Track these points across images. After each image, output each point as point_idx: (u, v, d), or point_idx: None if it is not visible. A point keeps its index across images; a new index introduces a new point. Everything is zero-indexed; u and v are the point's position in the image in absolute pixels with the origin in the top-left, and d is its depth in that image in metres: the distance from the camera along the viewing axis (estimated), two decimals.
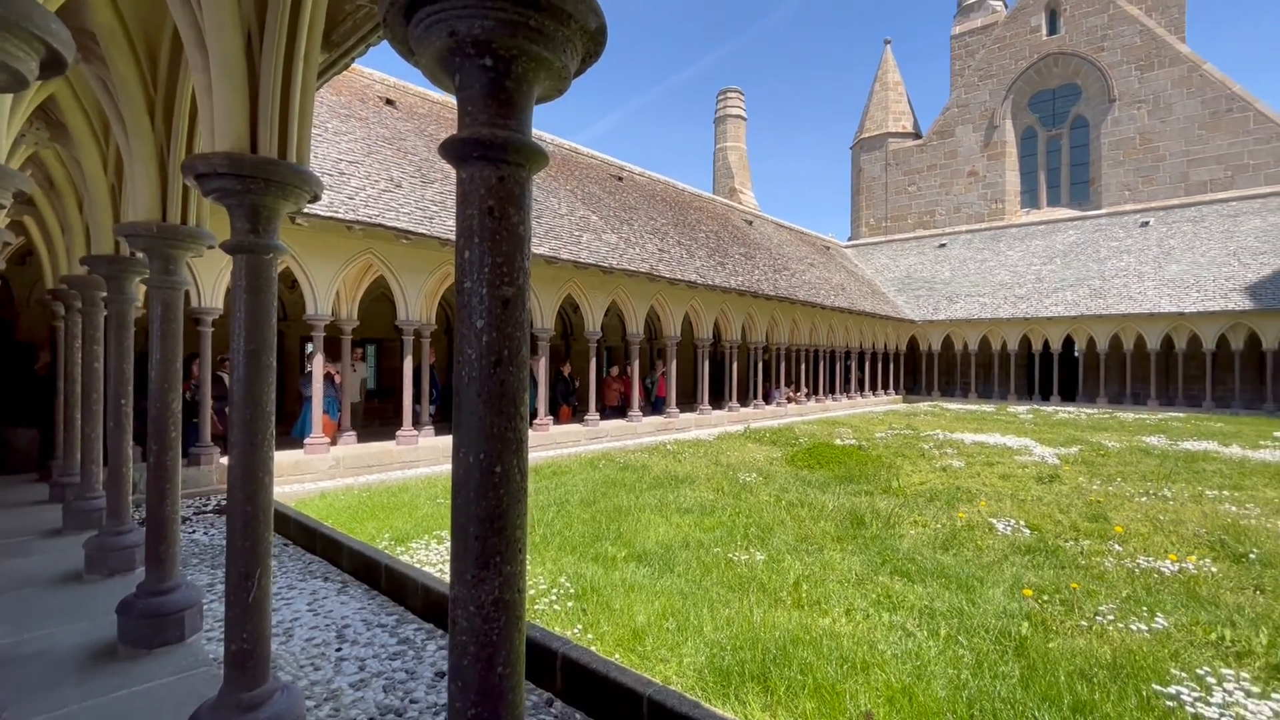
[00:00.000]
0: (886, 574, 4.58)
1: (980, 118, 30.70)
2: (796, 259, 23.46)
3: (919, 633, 3.56)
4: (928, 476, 8.37)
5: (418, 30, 1.16)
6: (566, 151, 18.69)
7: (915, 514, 6.27)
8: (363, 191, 9.35)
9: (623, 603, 3.96)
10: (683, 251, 16.04)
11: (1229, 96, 24.77)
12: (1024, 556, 4.99)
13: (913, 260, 28.98)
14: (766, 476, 8.33)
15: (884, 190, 33.95)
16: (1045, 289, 23.17)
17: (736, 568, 4.66)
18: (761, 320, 18.24)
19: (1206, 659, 3.19)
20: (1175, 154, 25.71)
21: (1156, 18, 27.01)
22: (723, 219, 22.50)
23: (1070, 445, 11.33)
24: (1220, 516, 6.09)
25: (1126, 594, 4.15)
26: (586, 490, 7.34)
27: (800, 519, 6.08)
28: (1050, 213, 28.91)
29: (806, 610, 3.90)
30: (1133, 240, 23.55)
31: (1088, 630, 3.58)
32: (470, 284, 1.15)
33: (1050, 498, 7.04)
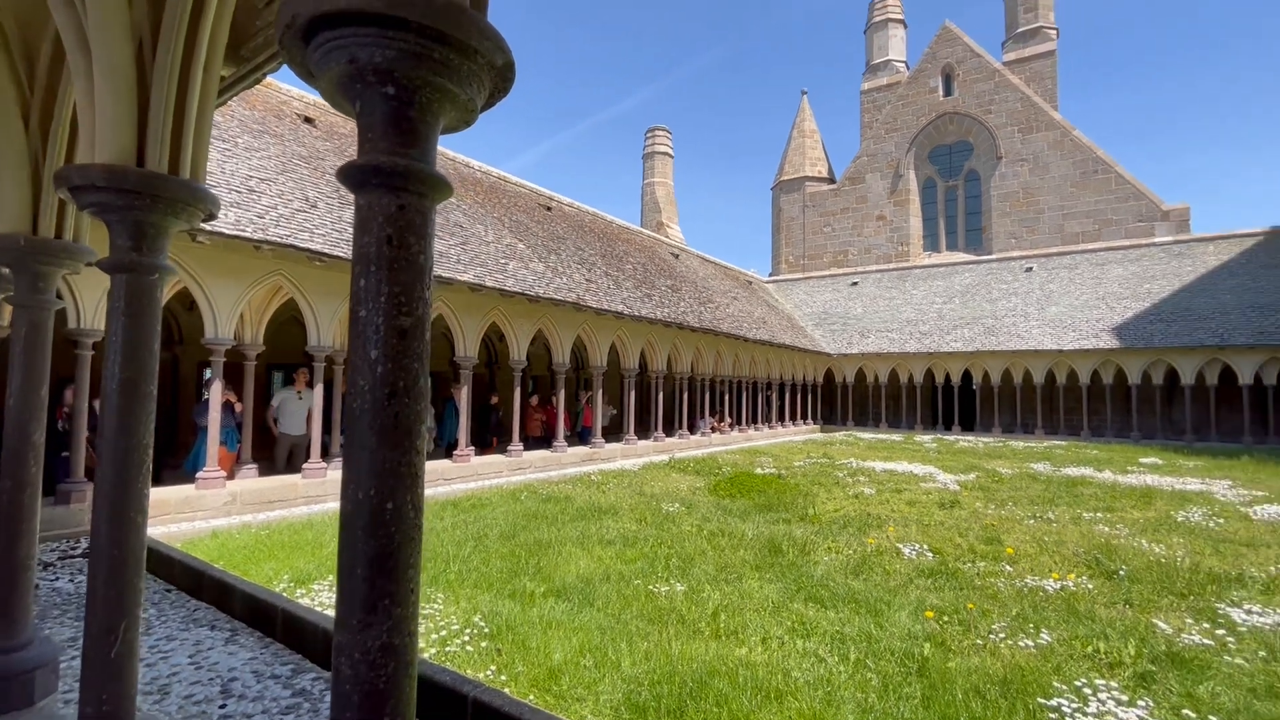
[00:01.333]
0: (801, 601, 4.69)
1: (887, 167, 33.10)
2: (721, 292, 24.18)
3: (830, 658, 3.65)
4: (841, 504, 8.70)
5: (316, 54, 1.13)
6: (494, 179, 18.60)
7: (829, 540, 6.48)
8: (274, 211, 8.91)
9: (540, 640, 3.84)
10: (610, 282, 16.19)
11: (1095, 160, 27.99)
12: (927, 579, 5.25)
13: (828, 296, 30.53)
14: (689, 506, 8.40)
15: (802, 230, 35.77)
16: (946, 326, 24.95)
17: (657, 600, 4.64)
18: (687, 351, 18.59)
19: (1084, 671, 3.45)
20: (1052, 208, 28.66)
21: (1034, 87, 30.28)
22: (650, 251, 22.94)
23: (969, 472, 12.12)
24: (1095, 537, 6.67)
25: (1016, 612, 4.44)
26: (507, 524, 7.13)
27: (721, 548, 6.15)
28: (949, 256, 31.36)
29: (724, 640, 3.92)
30: (1019, 283, 25.85)
31: (982, 648, 3.80)
32: (365, 313, 1.11)
33: (951, 522, 7.48)
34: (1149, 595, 4.84)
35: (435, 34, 1.10)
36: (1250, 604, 4.60)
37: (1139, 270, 23.93)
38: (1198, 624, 4.22)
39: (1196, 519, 7.66)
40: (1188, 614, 4.43)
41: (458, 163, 17.51)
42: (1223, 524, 7.43)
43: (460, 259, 11.32)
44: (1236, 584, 5.09)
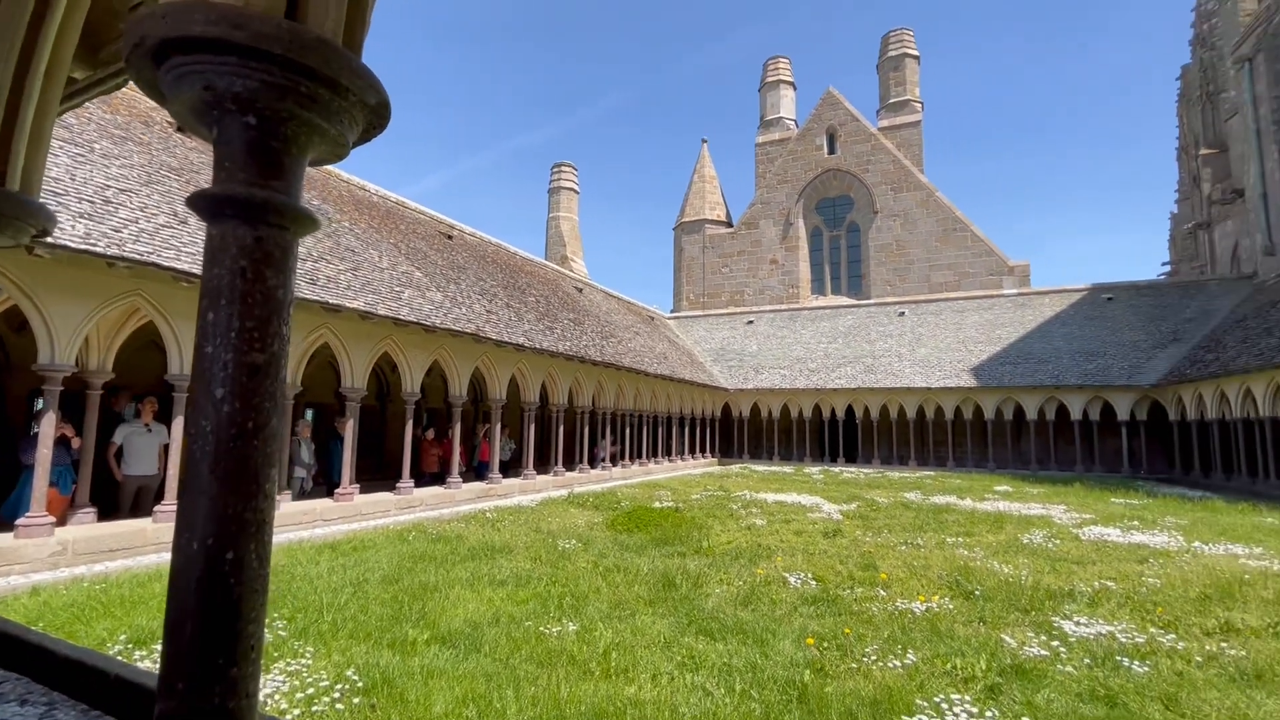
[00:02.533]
0: (692, 634, 4.74)
1: (779, 215, 35.40)
2: (624, 327, 24.53)
3: (717, 691, 3.71)
4: (734, 535, 8.95)
5: (168, 77, 1.08)
6: (392, 204, 17.98)
7: (721, 572, 6.63)
8: (134, 225, 8.08)
9: (420, 693, 3.62)
10: (511, 314, 15.99)
11: (954, 219, 31.48)
12: (810, 607, 5.50)
13: (726, 334, 31.81)
14: (586, 542, 8.30)
15: (701, 270, 37.24)
16: (831, 364, 26.70)
17: (548, 641, 4.52)
18: (589, 385, 18.60)
19: (943, 687, 3.73)
20: (920, 260, 31.80)
21: (904, 152, 33.78)
22: (554, 284, 22.95)
23: (851, 502, 12.90)
24: (956, 560, 7.29)
25: (888, 634, 4.74)
26: (391, 567, 6.70)
27: (615, 585, 6.11)
28: (834, 300, 33.80)
29: (614, 680, 3.88)
30: (894, 326, 28.26)
31: (856, 671, 4.01)
32: (212, 349, 1.05)
33: (834, 551, 7.89)
34: (999, 612, 5.34)
35: (303, 69, 1.08)
36: (1079, 616, 5.20)
37: (991, 318, 26.93)
38: (1037, 637, 4.71)
39: (1038, 541, 8.59)
40: (1030, 628, 4.93)
41: (352, 185, 16.78)
42: (1059, 545, 8.38)
43: (351, 285, 10.77)
44: (1068, 598, 5.74)
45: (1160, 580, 6.43)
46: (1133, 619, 5.15)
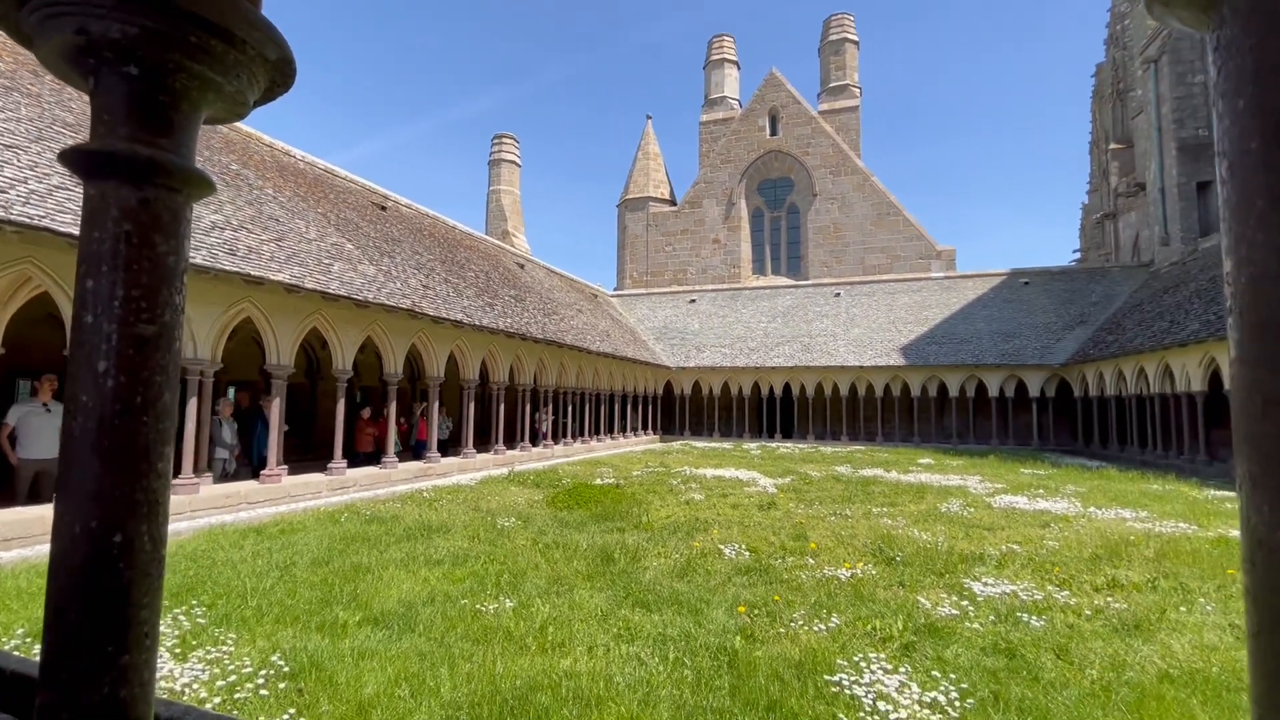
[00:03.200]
0: (629, 607, 4.84)
1: (722, 195, 35.68)
2: (566, 304, 24.30)
3: (651, 660, 3.81)
4: (673, 510, 9.13)
5: (33, 18, 0.98)
6: (320, 171, 17.04)
7: (659, 546, 6.77)
8: (23, 185, 7.36)
9: (351, 674, 3.56)
10: (450, 289, 15.56)
11: (888, 203, 32.57)
12: (744, 577, 5.70)
13: (669, 312, 32.03)
14: (526, 520, 8.29)
15: (645, 247, 37.21)
16: (770, 343, 27.36)
17: (484, 618, 4.51)
18: (530, 362, 18.39)
19: (863, 647, 3.96)
20: (855, 242, 32.82)
21: (843, 136, 34.56)
22: (494, 260, 22.44)
23: (785, 476, 13.37)
24: (880, 529, 7.70)
25: (814, 600, 4.98)
26: (321, 549, 6.50)
27: (554, 561, 6.15)
28: (774, 280, 34.52)
29: (550, 654, 3.92)
30: (830, 307, 29.18)
31: (784, 636, 4.20)
32: (93, 319, 0.98)
33: (768, 523, 8.18)
34: (917, 576, 5.69)
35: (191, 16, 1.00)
36: (987, 577, 5.61)
37: (920, 299, 28.18)
38: (950, 598, 5.05)
39: (955, 509, 9.17)
40: (943, 590, 5.29)
41: (276, 149, 15.79)
42: (973, 513, 8.98)
43: (275, 256, 10.19)
44: (979, 562, 6.18)
45: (1059, 543, 7.00)
46: (1033, 579, 5.60)
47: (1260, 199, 0.48)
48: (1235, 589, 5.28)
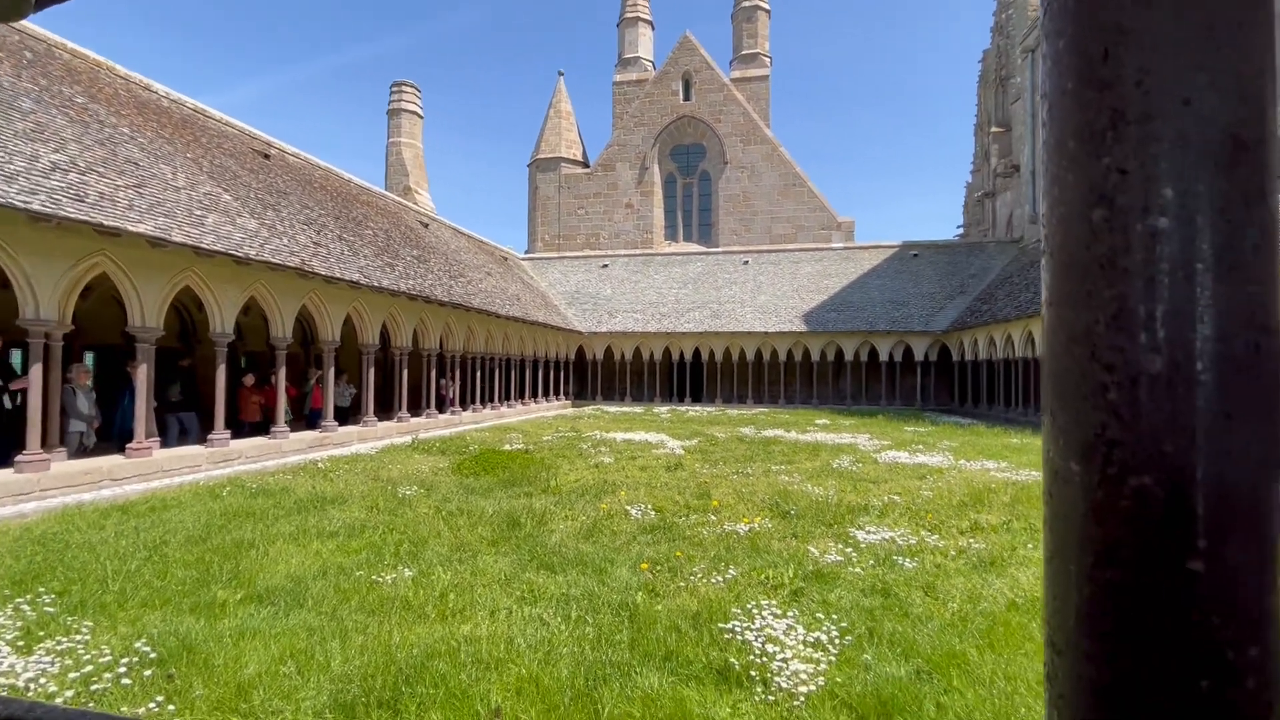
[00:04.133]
0: (534, 570, 4.85)
1: (636, 158, 35.37)
2: (474, 266, 23.44)
3: (554, 620, 3.84)
4: (583, 474, 9.19)
5: None
6: (189, 111, 15.22)
7: (567, 510, 6.80)
8: None
9: (230, 655, 3.34)
10: (345, 247, 14.55)
11: (794, 174, 33.59)
12: (649, 535, 5.85)
13: (581, 277, 31.70)
14: (429, 488, 8.06)
15: (557, 210, 36.40)
16: (681, 309, 27.81)
17: (381, 589, 4.37)
18: (435, 326, 17.68)
19: (755, 596, 4.19)
20: (763, 212, 33.73)
21: (753, 105, 35.04)
22: (395, 217, 21.16)
23: (693, 438, 13.78)
24: (778, 485, 8.13)
25: (714, 554, 5.20)
26: (198, 526, 6.02)
27: (458, 528, 6.03)
28: (685, 246, 34.91)
29: (450, 621, 3.86)
30: (738, 274, 29.96)
31: (684, 589, 4.37)
32: None
33: (674, 483, 8.42)
34: (809, 528, 6.08)
35: None
36: (870, 526, 6.08)
37: (821, 269, 29.52)
38: (836, 546, 5.44)
39: (846, 465, 9.83)
40: (831, 539, 5.68)
41: (133, 83, 13.91)
42: (861, 468, 9.67)
43: (135, 205, 9.07)
44: (863, 512, 6.68)
45: (933, 493, 7.70)
46: (909, 525, 6.13)
47: (1072, 140, 0.50)
48: None
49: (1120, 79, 0.46)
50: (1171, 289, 0.44)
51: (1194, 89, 0.44)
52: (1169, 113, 0.45)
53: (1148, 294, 0.45)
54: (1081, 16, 0.48)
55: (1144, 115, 0.45)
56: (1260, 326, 0.44)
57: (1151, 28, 0.45)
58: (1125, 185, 0.46)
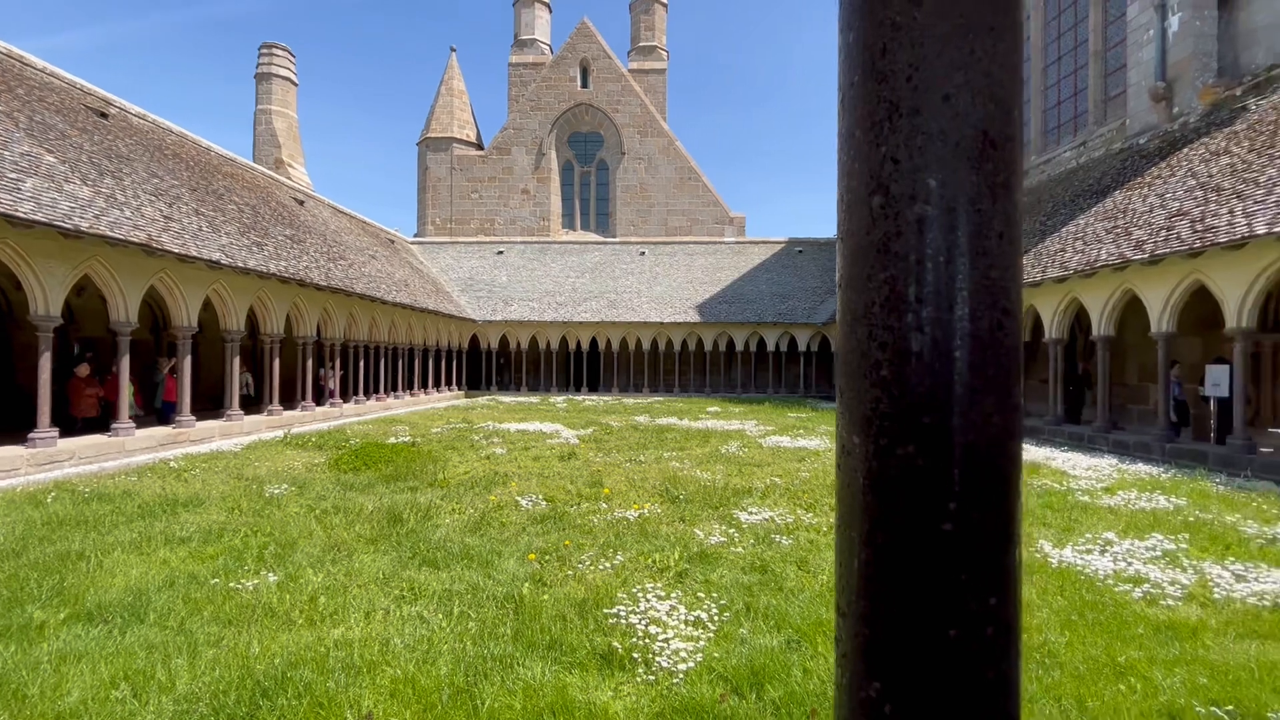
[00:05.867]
0: (415, 567, 4.64)
1: (532, 144, 34.60)
2: (357, 249, 21.96)
3: (435, 618, 3.71)
4: (473, 466, 8.92)
5: None
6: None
7: (454, 503, 6.58)
8: None
9: (48, 683, 2.93)
10: (203, 223, 13.10)
11: (689, 169, 34.34)
12: (539, 526, 5.79)
13: (475, 263, 30.65)
14: (302, 486, 7.48)
15: (450, 192, 34.89)
16: (579, 298, 27.67)
17: (240, 596, 4.00)
18: (312, 312, 16.41)
19: (641, 580, 4.28)
20: (660, 204, 34.23)
21: (651, 98, 35.36)
22: (265, 193, 19.33)
23: (588, 427, 13.80)
24: (669, 471, 8.34)
25: (604, 541, 5.24)
26: (10, 539, 5.21)
27: (333, 527, 5.65)
28: (583, 235, 34.72)
29: (320, 625, 3.61)
30: (636, 264, 30.25)
31: (572, 578, 4.37)
32: None
33: (567, 472, 8.39)
34: (696, 511, 6.28)
35: None
36: (753, 507, 6.38)
37: (715, 262, 30.47)
38: (720, 527, 5.66)
39: (733, 450, 10.26)
40: (716, 521, 5.91)
41: None
42: (747, 452, 10.13)
43: None
44: (747, 494, 7.00)
45: (810, 474, 8.21)
46: (788, 505, 6.50)
47: (859, 129, 0.53)
48: None
49: (895, 73, 0.49)
50: (934, 273, 0.48)
51: (952, 86, 0.48)
52: (933, 107, 0.48)
53: (914, 277, 0.48)
54: (866, 12, 0.51)
55: (913, 109, 0.49)
56: (1002, 309, 0.48)
57: (919, 25, 0.48)
58: (898, 174, 0.49)
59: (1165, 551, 4.90)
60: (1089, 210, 13.62)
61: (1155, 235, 10.33)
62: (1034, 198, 18.06)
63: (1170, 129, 13.98)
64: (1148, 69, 14.71)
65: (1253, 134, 10.88)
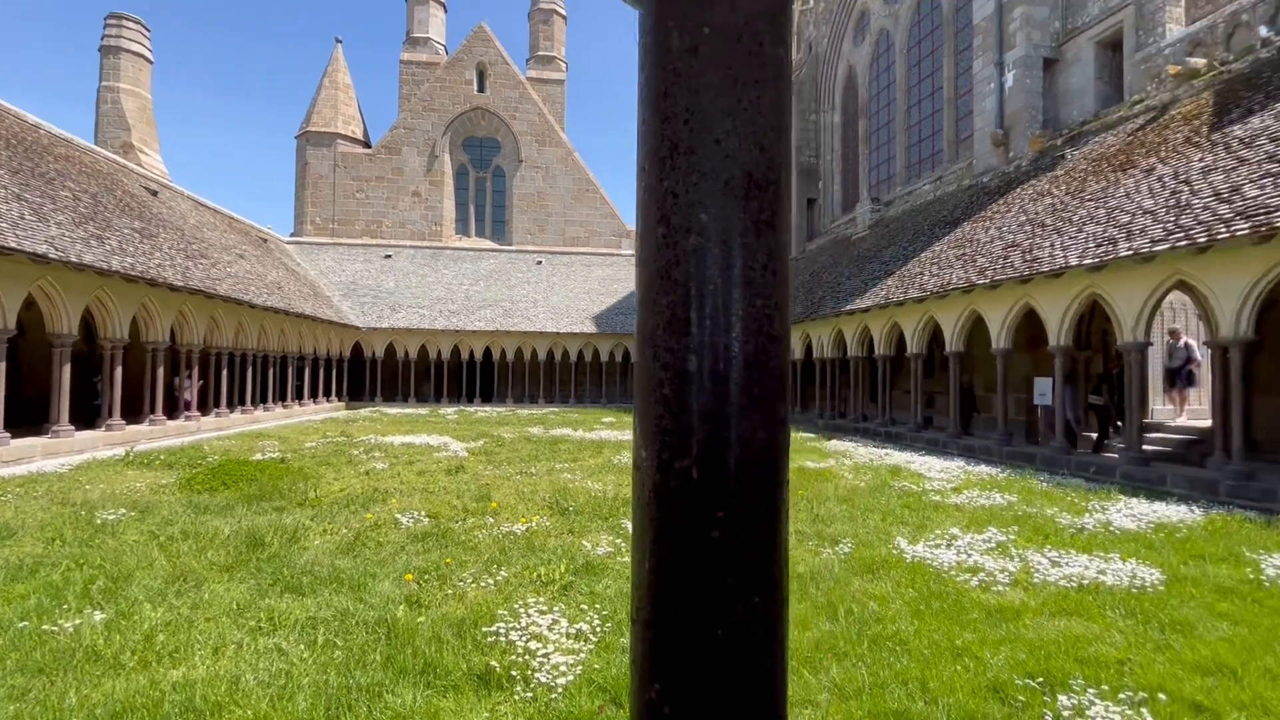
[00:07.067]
0: (276, 595, 4.27)
1: (424, 145, 33.32)
2: (223, 247, 20.03)
3: (296, 649, 3.43)
4: (350, 482, 8.37)
5: None
6: None
7: (325, 523, 6.13)
8: None
9: None
10: (26, 210, 11.42)
11: (587, 180, 34.54)
12: (419, 544, 5.52)
13: (360, 266, 28.95)
14: (144, 510, 6.66)
15: (332, 191, 32.76)
16: (472, 306, 26.89)
17: (56, 640, 3.49)
18: (166, 315, 14.75)
19: (525, 595, 4.20)
20: (558, 214, 34.13)
21: (549, 107, 35.26)
22: (109, 180, 17.17)
23: (479, 440, 13.39)
24: (560, 483, 8.27)
25: (488, 557, 5.09)
26: None
27: (179, 554, 5.08)
28: (478, 242, 33.84)
29: (156, 667, 3.23)
30: (532, 274, 29.90)
31: (452, 597, 4.21)
32: None
33: (454, 487, 8.08)
34: (586, 523, 6.26)
35: None
36: None
37: (612, 273, 30.78)
38: (608, 538, 5.69)
39: (626, 461, 10.35)
40: (605, 532, 5.93)
41: None
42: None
43: None
44: None
45: None
46: None
47: (647, 163, 0.57)
48: (804, 504, 7.08)
49: (675, 115, 0.53)
50: (707, 300, 0.52)
51: (722, 131, 0.53)
52: (706, 148, 0.53)
53: (689, 303, 0.53)
54: (653, 56, 0.55)
55: (689, 149, 0.53)
56: (767, 335, 0.53)
57: (695, 73, 0.53)
58: (677, 207, 0.53)
59: (998, 543, 5.52)
60: (943, 238, 15.19)
61: (995, 263, 11.71)
62: (899, 225, 19.88)
63: (1007, 170, 15.93)
64: (990, 117, 16.71)
65: (1069, 179, 12.65)
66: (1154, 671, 3.17)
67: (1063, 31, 15.71)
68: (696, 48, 0.51)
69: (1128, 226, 9.36)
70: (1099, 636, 3.61)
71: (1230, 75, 10.99)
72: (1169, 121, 11.43)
